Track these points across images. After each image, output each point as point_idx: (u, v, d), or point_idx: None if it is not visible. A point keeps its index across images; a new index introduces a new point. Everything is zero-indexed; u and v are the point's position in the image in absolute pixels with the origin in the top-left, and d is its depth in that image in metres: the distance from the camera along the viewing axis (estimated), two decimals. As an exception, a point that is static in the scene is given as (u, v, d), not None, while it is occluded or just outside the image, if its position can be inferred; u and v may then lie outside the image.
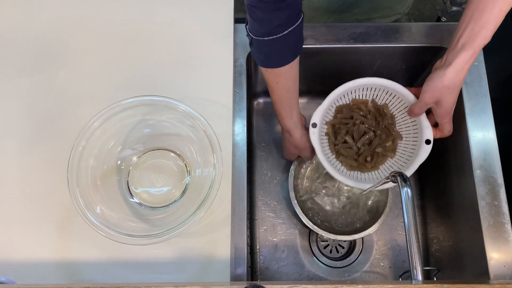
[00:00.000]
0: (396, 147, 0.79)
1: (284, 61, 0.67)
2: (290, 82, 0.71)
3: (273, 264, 0.91)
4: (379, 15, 0.96)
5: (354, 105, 0.81)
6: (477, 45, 0.63)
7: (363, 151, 0.79)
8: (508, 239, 0.70)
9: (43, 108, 0.78)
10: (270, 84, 0.71)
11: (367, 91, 0.80)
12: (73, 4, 0.85)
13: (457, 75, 0.65)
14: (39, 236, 0.70)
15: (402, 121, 0.79)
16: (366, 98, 0.81)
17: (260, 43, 0.64)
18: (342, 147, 0.80)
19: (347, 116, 0.81)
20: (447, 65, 0.66)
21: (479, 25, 0.63)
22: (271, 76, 0.70)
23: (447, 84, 0.66)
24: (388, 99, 0.80)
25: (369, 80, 0.77)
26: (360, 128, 0.80)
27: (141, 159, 0.74)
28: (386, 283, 0.55)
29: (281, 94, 0.73)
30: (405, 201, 0.61)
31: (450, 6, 1.41)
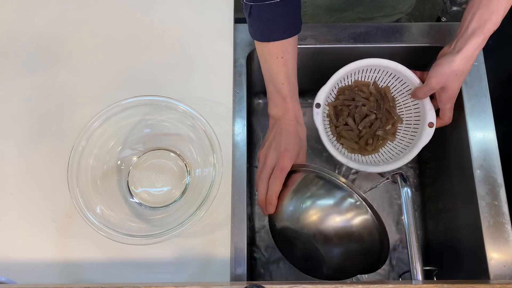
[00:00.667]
0: (396, 131, 0.79)
1: (286, 32, 0.65)
2: (294, 59, 0.68)
3: (273, 264, 0.91)
4: (381, 14, 0.96)
5: (356, 87, 0.80)
6: (487, 30, 0.63)
7: (364, 134, 0.78)
8: (508, 239, 0.70)
9: (43, 108, 0.78)
10: (272, 61, 0.67)
11: (369, 73, 0.79)
12: (73, 4, 0.85)
13: (466, 61, 0.65)
14: (39, 236, 0.70)
15: (404, 104, 0.79)
16: (368, 80, 0.80)
17: (260, 8, 0.63)
18: (344, 129, 0.79)
19: (348, 97, 0.79)
20: (456, 51, 0.66)
21: (489, 11, 0.63)
22: (274, 49, 0.66)
23: (456, 70, 0.66)
24: (390, 82, 0.79)
25: (373, 61, 0.76)
26: (362, 111, 0.78)
27: (141, 159, 0.74)
28: (386, 283, 0.55)
29: (288, 71, 0.67)
30: (405, 201, 0.61)
31: (450, 6, 1.41)
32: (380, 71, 0.79)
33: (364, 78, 0.80)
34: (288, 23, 0.65)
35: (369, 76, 0.80)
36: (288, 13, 0.64)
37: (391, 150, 0.78)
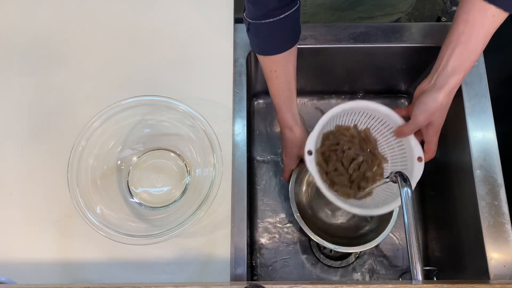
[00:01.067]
0: (382, 171, 0.78)
1: (281, 48, 0.67)
2: (288, 72, 0.70)
3: (273, 264, 0.91)
4: (381, 13, 0.96)
5: (337, 131, 0.80)
6: (467, 68, 0.66)
7: (355, 178, 0.78)
8: (508, 239, 0.70)
9: (43, 108, 0.78)
10: (268, 74, 0.70)
11: (348, 116, 0.79)
12: (73, 4, 0.85)
13: (448, 97, 0.68)
14: (39, 236, 0.70)
15: (386, 144, 0.79)
16: (348, 124, 0.80)
17: (256, 26, 0.64)
18: (335, 175, 0.78)
19: (333, 142, 0.79)
20: (438, 87, 0.68)
21: (469, 50, 0.65)
22: (268, 64, 0.69)
23: (440, 106, 0.68)
24: (370, 123, 0.79)
25: (354, 103, 0.76)
26: (348, 154, 0.78)
27: (141, 159, 0.74)
28: (386, 283, 0.55)
29: (280, 85, 0.71)
30: (405, 201, 0.61)
31: (450, 6, 1.41)
32: (358, 114, 0.79)
33: (344, 122, 0.80)
34: (285, 38, 0.66)
35: (350, 120, 0.80)
36: (285, 30, 0.65)
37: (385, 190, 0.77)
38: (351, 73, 0.94)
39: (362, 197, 0.78)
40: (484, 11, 0.64)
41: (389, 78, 0.95)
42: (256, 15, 0.63)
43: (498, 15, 0.63)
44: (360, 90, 1.00)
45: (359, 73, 0.93)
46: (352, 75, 0.94)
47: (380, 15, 0.96)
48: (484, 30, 0.64)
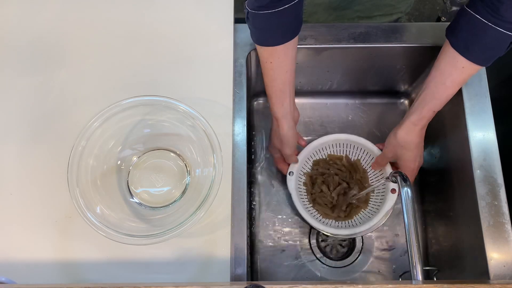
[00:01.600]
0: (368, 199, 0.87)
1: (278, 40, 0.66)
2: (284, 65, 0.70)
3: (273, 264, 0.91)
4: (380, 13, 0.96)
5: (330, 160, 0.90)
6: (426, 111, 0.70)
7: (339, 202, 0.86)
8: (508, 239, 0.70)
9: (43, 108, 0.78)
10: (263, 64, 0.70)
11: (341, 147, 0.89)
12: (73, 4, 0.85)
13: (407, 135, 0.73)
14: (39, 236, 0.70)
15: (373, 174, 0.88)
16: (340, 154, 0.90)
17: (255, 16, 0.64)
18: (318, 196, 0.87)
19: (323, 169, 0.89)
20: (400, 124, 0.74)
21: (433, 95, 0.69)
22: (264, 54, 0.69)
23: (400, 142, 0.74)
24: (360, 155, 0.89)
25: (340, 136, 0.87)
26: (334, 180, 0.87)
27: (141, 159, 0.74)
28: (386, 283, 0.55)
29: (274, 76, 0.71)
30: (405, 201, 0.61)
31: (450, 6, 1.41)
32: (350, 146, 0.88)
33: (337, 152, 0.89)
34: (283, 31, 0.66)
35: (342, 150, 0.89)
36: (284, 22, 0.65)
37: (364, 216, 0.85)
38: (351, 73, 0.94)
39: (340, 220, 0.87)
40: (455, 61, 0.66)
41: (389, 78, 0.95)
42: (255, 5, 0.62)
43: (468, 67, 0.65)
44: (360, 90, 1.00)
45: (359, 73, 0.93)
46: (352, 75, 0.94)
47: (379, 15, 0.96)
48: (452, 79, 0.67)
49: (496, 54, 0.63)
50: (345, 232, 0.81)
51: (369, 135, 0.98)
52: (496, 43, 0.61)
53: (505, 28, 0.59)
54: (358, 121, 1.00)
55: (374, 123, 0.99)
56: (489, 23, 0.59)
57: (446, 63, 0.67)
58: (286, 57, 0.69)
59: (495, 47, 0.62)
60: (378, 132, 0.99)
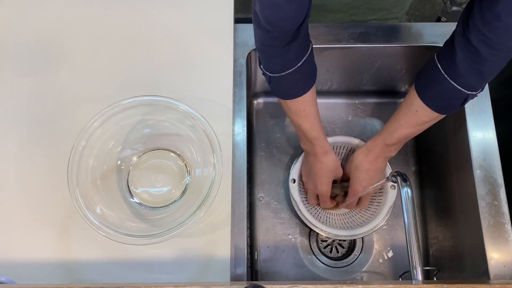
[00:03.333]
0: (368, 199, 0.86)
1: (304, 89, 0.67)
2: (315, 108, 0.72)
3: (273, 264, 0.91)
4: (375, 17, 0.96)
5: None
6: (379, 141, 0.73)
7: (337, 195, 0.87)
8: (508, 239, 0.70)
9: (43, 108, 0.78)
10: (296, 115, 0.71)
11: (340, 149, 0.88)
12: (73, 4, 0.85)
13: (364, 157, 0.75)
14: (39, 236, 0.70)
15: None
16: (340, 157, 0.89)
17: (279, 79, 0.65)
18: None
19: None
20: (360, 146, 0.78)
21: (386, 128, 0.72)
22: (296, 105, 0.70)
23: (353, 161, 0.77)
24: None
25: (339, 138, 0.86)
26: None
27: (141, 159, 0.74)
28: (386, 283, 0.55)
29: (311, 120, 0.72)
30: (405, 201, 0.61)
31: (450, 6, 1.41)
32: (348, 148, 0.87)
33: (336, 154, 0.87)
34: (306, 81, 0.67)
35: (340, 153, 0.89)
36: (306, 73, 0.66)
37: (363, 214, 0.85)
38: (351, 73, 0.94)
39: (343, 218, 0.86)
40: (411, 103, 0.66)
41: (389, 78, 0.95)
42: (277, 68, 0.63)
43: (421, 112, 0.65)
44: (360, 90, 1.00)
45: (359, 73, 0.93)
46: (352, 75, 0.94)
47: (374, 18, 0.96)
48: (406, 119, 0.68)
49: (451, 106, 0.64)
50: (356, 232, 0.80)
51: (369, 135, 0.98)
52: (450, 96, 0.62)
53: (459, 83, 0.59)
54: (358, 121, 1.00)
55: (374, 123, 0.99)
56: (446, 75, 0.60)
57: (405, 102, 0.68)
58: (314, 100, 0.70)
59: (450, 99, 0.62)
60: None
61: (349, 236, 0.80)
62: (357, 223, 0.84)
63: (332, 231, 0.80)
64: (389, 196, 0.81)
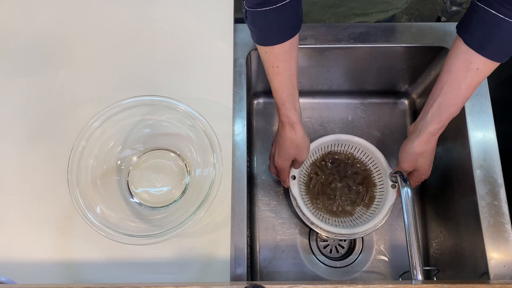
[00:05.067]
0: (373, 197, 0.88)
1: (280, 38, 0.64)
2: (290, 68, 0.68)
3: (273, 264, 0.91)
4: (376, 10, 0.95)
5: (328, 156, 0.90)
6: (445, 119, 0.67)
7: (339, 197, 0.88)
8: (508, 239, 0.70)
9: (43, 108, 0.78)
10: (269, 70, 0.68)
11: (341, 147, 0.89)
12: (73, 4, 0.85)
13: (427, 144, 0.70)
14: (39, 236, 0.70)
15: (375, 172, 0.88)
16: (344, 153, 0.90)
17: (253, 14, 0.62)
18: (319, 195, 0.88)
19: (321, 168, 0.89)
20: (417, 133, 0.70)
21: (447, 101, 0.66)
22: (270, 58, 0.67)
23: (420, 152, 0.71)
24: (360, 157, 0.89)
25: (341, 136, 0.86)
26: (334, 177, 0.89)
27: (141, 159, 0.74)
28: (386, 283, 0.55)
29: (282, 81, 0.68)
30: (405, 201, 0.61)
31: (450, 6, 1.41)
32: (350, 146, 0.88)
33: (338, 151, 0.90)
34: (283, 28, 0.64)
35: (341, 151, 0.90)
36: (283, 19, 0.63)
37: (364, 213, 0.86)
38: (351, 73, 0.94)
39: (342, 216, 0.87)
40: (468, 63, 0.62)
41: (389, 78, 0.95)
42: (254, 2, 0.61)
43: (483, 68, 0.62)
44: (360, 90, 1.00)
45: (359, 73, 0.93)
46: (352, 75, 0.95)
47: (375, 11, 0.96)
48: (467, 83, 0.63)
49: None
50: (356, 231, 0.79)
51: (369, 135, 0.98)
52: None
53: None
54: (358, 121, 1.00)
55: (374, 123, 0.99)
56: (505, 17, 0.56)
57: (459, 65, 0.63)
58: (291, 59, 0.67)
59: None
60: (378, 132, 0.99)
61: (349, 234, 0.80)
62: (358, 221, 0.84)
63: (333, 229, 0.80)
64: (389, 194, 0.81)
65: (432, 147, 0.71)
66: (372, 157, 0.86)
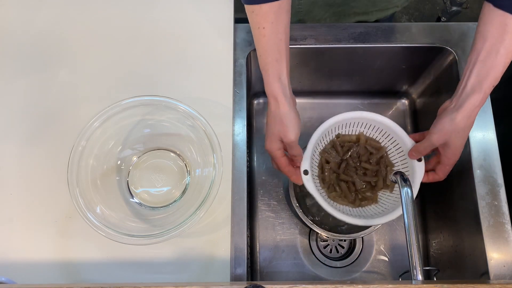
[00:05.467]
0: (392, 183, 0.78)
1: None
2: (277, 31, 0.63)
3: (273, 264, 0.91)
4: (376, 9, 0.96)
5: (341, 141, 0.79)
6: (486, 87, 0.62)
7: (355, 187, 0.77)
8: (508, 239, 0.70)
9: (43, 108, 0.78)
10: (255, 32, 0.64)
11: (354, 127, 0.78)
12: (73, 4, 0.85)
13: (468, 118, 0.64)
14: (39, 236, 0.70)
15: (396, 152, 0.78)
16: (352, 134, 0.79)
17: None
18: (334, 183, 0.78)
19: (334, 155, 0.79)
20: (457, 108, 0.64)
21: (487, 67, 0.61)
22: (256, 19, 0.62)
23: (457, 128, 0.65)
24: (373, 135, 0.78)
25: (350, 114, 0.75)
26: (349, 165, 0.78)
27: (141, 159, 0.74)
28: (386, 283, 0.54)
29: (268, 44, 0.63)
30: (405, 201, 0.61)
31: (450, 6, 1.41)
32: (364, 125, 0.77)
33: (349, 132, 0.79)
34: None
35: (355, 131, 0.79)
36: None
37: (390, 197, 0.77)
38: (351, 73, 0.94)
39: (366, 205, 0.77)
40: (504, 26, 0.59)
41: (389, 78, 0.95)
42: None
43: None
44: (360, 90, 1.00)
45: (359, 73, 0.93)
46: (352, 75, 0.95)
47: (375, 10, 0.96)
48: (505, 46, 0.60)
49: None
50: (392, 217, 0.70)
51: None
52: None
53: None
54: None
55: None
56: None
57: (494, 30, 0.60)
58: (279, 21, 0.63)
59: None
60: (378, 132, 0.99)
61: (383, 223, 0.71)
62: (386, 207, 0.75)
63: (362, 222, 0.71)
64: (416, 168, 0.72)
65: (471, 123, 0.65)
66: (387, 132, 0.77)
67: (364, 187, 0.78)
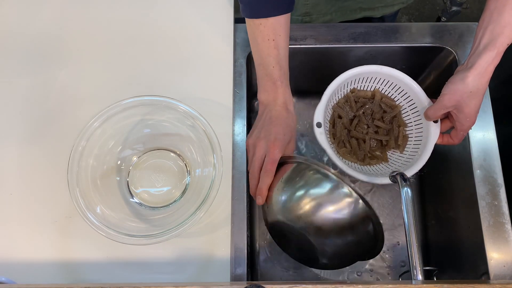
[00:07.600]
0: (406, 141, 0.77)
1: (275, 10, 0.62)
2: (285, 43, 0.65)
3: (273, 264, 0.91)
4: (382, 4, 0.95)
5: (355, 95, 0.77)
6: (500, 44, 0.60)
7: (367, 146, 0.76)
8: (508, 239, 0.70)
9: (43, 108, 0.78)
10: (263, 44, 0.64)
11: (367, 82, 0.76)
12: (73, 4, 0.85)
13: (480, 77, 0.61)
14: (39, 236, 0.70)
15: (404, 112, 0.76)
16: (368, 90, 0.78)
17: None
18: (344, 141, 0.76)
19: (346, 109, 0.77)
20: (469, 67, 0.62)
21: (501, 25, 0.59)
22: (265, 32, 0.63)
23: (470, 87, 0.62)
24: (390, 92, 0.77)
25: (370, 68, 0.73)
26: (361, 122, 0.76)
27: (141, 159, 0.74)
28: (386, 283, 0.54)
29: (280, 55, 0.64)
30: (405, 201, 0.60)
31: (450, 6, 1.41)
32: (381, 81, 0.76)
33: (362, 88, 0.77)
34: (276, 3, 0.62)
35: (368, 86, 0.77)
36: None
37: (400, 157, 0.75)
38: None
39: (374, 164, 0.76)
40: None
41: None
42: None
43: None
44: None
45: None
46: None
47: (381, 6, 0.96)
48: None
49: None
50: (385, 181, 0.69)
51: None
52: None
53: None
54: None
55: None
56: None
57: None
58: (286, 35, 0.64)
59: None
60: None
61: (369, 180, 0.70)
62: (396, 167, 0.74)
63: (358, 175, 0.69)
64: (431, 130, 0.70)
65: (485, 84, 0.62)
66: (404, 90, 0.74)
67: (375, 146, 0.76)
